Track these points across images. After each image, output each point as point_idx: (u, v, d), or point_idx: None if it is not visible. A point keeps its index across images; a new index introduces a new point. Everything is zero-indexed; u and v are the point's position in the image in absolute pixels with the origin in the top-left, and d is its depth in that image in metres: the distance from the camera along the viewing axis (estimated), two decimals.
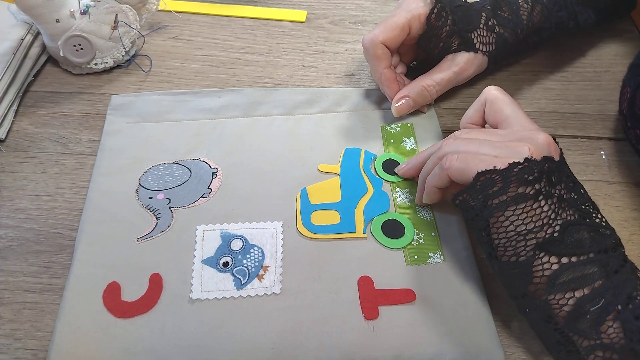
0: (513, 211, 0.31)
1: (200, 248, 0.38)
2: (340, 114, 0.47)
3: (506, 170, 0.31)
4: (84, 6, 0.47)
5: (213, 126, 0.45)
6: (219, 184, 0.41)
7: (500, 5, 0.45)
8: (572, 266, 0.30)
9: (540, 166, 0.31)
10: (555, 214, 0.31)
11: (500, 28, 0.45)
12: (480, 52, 0.45)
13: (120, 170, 0.42)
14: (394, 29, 0.42)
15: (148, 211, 0.40)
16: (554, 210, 0.31)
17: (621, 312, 0.29)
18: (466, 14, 0.44)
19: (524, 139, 0.33)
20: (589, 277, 0.30)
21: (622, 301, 0.29)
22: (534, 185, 0.31)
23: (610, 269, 0.30)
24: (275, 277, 0.36)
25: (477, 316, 0.35)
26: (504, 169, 0.31)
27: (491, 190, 0.31)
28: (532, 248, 0.31)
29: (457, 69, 0.44)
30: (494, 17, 0.45)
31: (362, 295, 0.36)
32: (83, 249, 0.37)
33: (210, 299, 0.35)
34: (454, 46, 0.44)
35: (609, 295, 0.29)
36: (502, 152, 0.32)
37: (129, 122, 0.45)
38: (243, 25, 0.56)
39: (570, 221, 0.31)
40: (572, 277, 0.30)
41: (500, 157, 0.31)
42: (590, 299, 0.30)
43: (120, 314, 0.35)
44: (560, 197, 0.31)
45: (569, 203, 0.32)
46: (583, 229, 0.31)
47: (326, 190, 0.41)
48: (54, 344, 0.33)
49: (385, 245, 0.38)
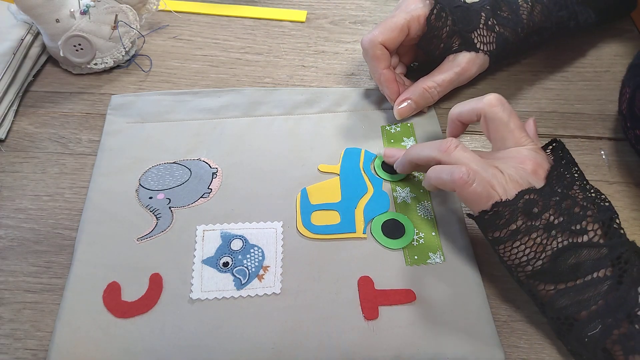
0: (501, 248, 0.32)
1: (200, 248, 0.38)
2: (340, 114, 0.47)
3: (478, 218, 0.33)
4: (84, 6, 0.47)
5: (213, 126, 0.45)
6: (219, 184, 0.41)
7: (499, 5, 0.45)
8: (569, 292, 0.30)
9: (512, 207, 0.31)
10: (543, 245, 0.31)
11: (501, 27, 0.45)
12: (482, 51, 0.44)
13: (120, 170, 0.42)
14: (393, 30, 0.42)
15: (148, 211, 0.40)
16: (540, 242, 0.31)
17: (620, 337, 0.29)
18: (465, 14, 0.44)
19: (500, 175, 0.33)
20: (585, 302, 0.30)
21: (619, 324, 0.29)
22: (508, 228, 0.31)
23: (608, 289, 0.30)
24: (275, 277, 0.36)
25: (477, 316, 0.35)
26: (476, 216, 0.33)
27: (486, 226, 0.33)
28: (527, 277, 0.32)
29: (458, 70, 0.44)
30: (493, 16, 0.45)
31: (362, 295, 0.36)
32: (83, 249, 0.37)
33: (210, 299, 0.35)
34: (455, 46, 0.44)
35: (606, 319, 0.29)
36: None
37: (129, 122, 0.45)
38: (243, 25, 0.56)
39: (561, 249, 0.30)
40: (569, 303, 0.30)
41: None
42: (587, 324, 0.30)
43: (120, 314, 0.35)
44: (548, 225, 0.31)
45: (561, 228, 0.31)
46: (580, 252, 0.30)
47: (326, 190, 0.41)
48: (54, 344, 0.33)
49: (385, 245, 0.38)
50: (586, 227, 0.31)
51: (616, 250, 0.30)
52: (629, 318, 0.29)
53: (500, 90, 0.50)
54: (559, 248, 0.30)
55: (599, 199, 0.33)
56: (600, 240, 0.31)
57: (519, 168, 0.33)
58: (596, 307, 0.30)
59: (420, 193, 0.41)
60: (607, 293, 0.30)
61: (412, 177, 0.42)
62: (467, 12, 0.44)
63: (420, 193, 0.41)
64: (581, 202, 0.32)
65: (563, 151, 0.36)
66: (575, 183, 0.33)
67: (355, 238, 0.38)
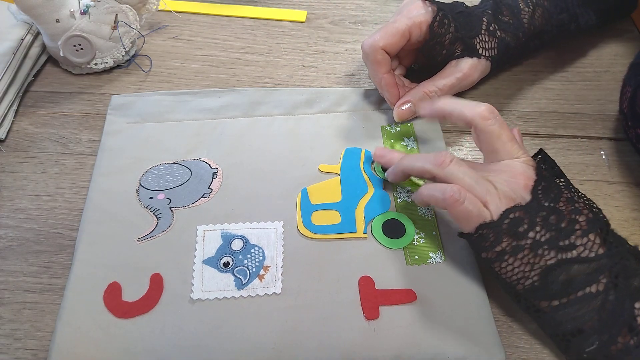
0: (493, 267, 0.33)
1: (200, 248, 0.38)
2: (340, 114, 0.47)
3: (466, 239, 0.33)
4: (84, 6, 0.47)
5: (213, 126, 0.45)
6: (219, 184, 0.41)
7: (501, 10, 0.45)
8: (563, 308, 0.30)
9: (496, 229, 0.31)
10: (531, 264, 0.31)
11: (502, 33, 0.45)
12: (484, 57, 0.44)
13: (121, 170, 0.42)
14: (394, 35, 0.42)
15: (148, 211, 0.40)
16: (528, 261, 0.31)
17: (618, 353, 0.29)
18: (468, 20, 0.44)
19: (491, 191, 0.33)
20: (580, 318, 0.30)
21: (615, 339, 0.29)
22: (494, 249, 0.31)
23: (602, 304, 0.29)
24: (275, 277, 0.36)
25: (478, 316, 0.35)
26: (465, 237, 0.34)
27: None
28: (520, 295, 0.32)
29: (460, 75, 0.44)
30: (495, 22, 0.45)
31: (362, 295, 0.36)
32: (84, 248, 0.38)
33: (210, 299, 0.35)
34: (457, 52, 0.44)
35: (602, 334, 0.29)
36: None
37: (129, 122, 0.45)
38: (243, 25, 0.56)
39: (550, 266, 0.30)
40: (564, 320, 0.30)
41: None
42: (584, 340, 0.30)
43: (120, 314, 0.35)
44: (535, 244, 0.31)
45: (549, 245, 0.31)
46: (570, 268, 0.30)
47: (326, 190, 0.41)
48: (55, 344, 0.33)
49: (385, 245, 0.38)
50: (575, 241, 0.31)
51: (606, 264, 0.30)
52: (625, 332, 0.29)
53: (500, 90, 0.50)
54: (548, 266, 0.30)
55: (588, 208, 0.33)
56: (590, 254, 0.30)
57: (511, 182, 0.33)
58: (592, 322, 0.30)
59: None
60: (601, 308, 0.29)
61: (413, 177, 0.42)
62: (469, 17, 0.44)
63: None
64: (569, 215, 0.31)
65: (546, 163, 0.36)
66: (562, 195, 0.33)
67: (356, 238, 0.39)
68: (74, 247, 0.38)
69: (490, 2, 0.46)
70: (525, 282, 0.31)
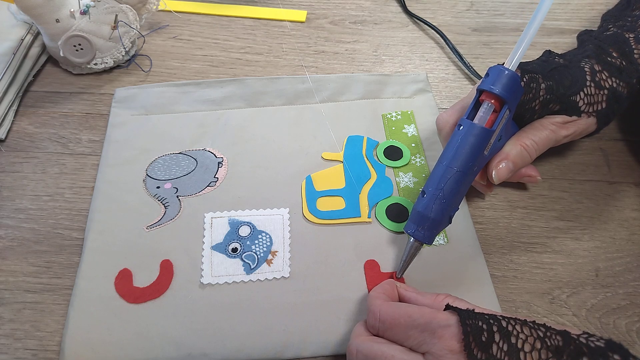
0: None
1: (209, 235, 0.39)
2: (341, 103, 0.48)
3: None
4: (84, 6, 0.47)
5: (217, 117, 0.47)
6: (225, 173, 0.43)
7: (607, 51, 0.39)
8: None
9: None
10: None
11: (612, 81, 0.38)
12: (586, 113, 0.38)
13: (127, 161, 0.43)
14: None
15: (156, 200, 0.41)
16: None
17: None
18: (565, 76, 0.38)
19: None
20: None
21: None
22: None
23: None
24: (283, 261, 0.38)
25: (481, 296, 0.36)
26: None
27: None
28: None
29: (555, 128, 0.38)
30: (601, 69, 0.39)
31: (368, 278, 0.37)
32: (93, 237, 0.39)
33: (220, 283, 0.37)
34: (555, 110, 0.39)
35: None
36: None
37: (133, 114, 0.47)
38: (243, 25, 0.56)
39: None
40: None
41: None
42: None
43: (132, 299, 0.36)
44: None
45: None
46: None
47: (330, 177, 0.43)
48: (68, 330, 0.34)
49: (389, 229, 0.40)
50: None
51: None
52: None
53: None
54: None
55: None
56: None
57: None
58: None
59: (422, 177, 0.43)
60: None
61: (414, 163, 0.44)
62: (568, 71, 0.38)
63: (422, 178, 0.43)
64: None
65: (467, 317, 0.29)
66: None
67: (361, 222, 0.40)
68: (74, 247, 0.39)
69: (592, 44, 0.40)
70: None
